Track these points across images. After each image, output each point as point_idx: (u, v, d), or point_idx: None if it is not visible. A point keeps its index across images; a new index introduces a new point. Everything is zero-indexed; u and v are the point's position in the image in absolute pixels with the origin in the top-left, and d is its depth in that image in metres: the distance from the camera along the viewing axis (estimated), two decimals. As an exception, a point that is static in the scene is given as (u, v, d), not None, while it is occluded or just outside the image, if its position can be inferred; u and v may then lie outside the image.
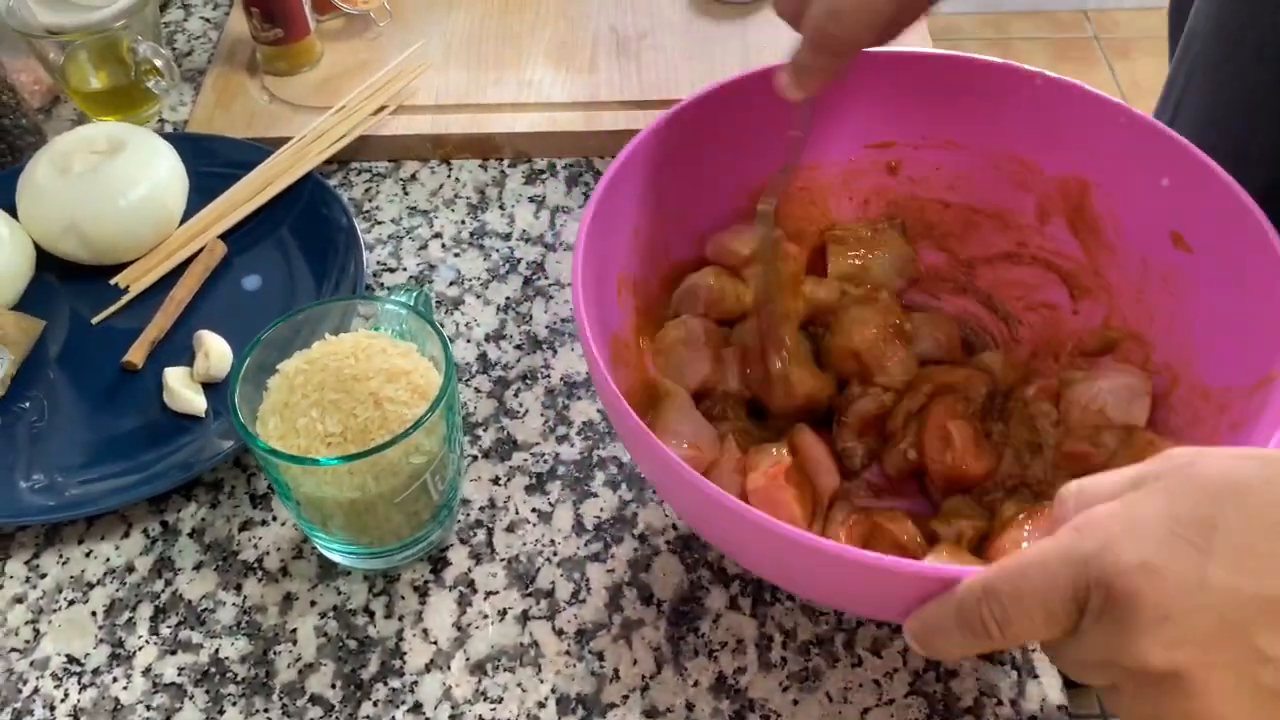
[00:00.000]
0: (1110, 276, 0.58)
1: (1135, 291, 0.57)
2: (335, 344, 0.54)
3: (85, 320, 0.68)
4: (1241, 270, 0.50)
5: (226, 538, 0.58)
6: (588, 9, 0.87)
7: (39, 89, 0.83)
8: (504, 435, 0.62)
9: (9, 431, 0.62)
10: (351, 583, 0.56)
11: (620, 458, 0.61)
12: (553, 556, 0.57)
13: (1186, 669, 0.33)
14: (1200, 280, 0.53)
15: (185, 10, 0.92)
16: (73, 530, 0.59)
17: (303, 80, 0.81)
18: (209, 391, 0.63)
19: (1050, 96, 0.56)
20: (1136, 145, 0.54)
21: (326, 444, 0.51)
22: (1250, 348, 0.49)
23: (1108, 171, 0.57)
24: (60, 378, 0.65)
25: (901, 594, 0.41)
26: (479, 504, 0.59)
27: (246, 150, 0.74)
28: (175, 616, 0.55)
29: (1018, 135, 0.59)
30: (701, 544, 0.57)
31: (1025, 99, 0.58)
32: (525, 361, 0.66)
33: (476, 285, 0.70)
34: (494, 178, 0.77)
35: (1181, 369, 0.54)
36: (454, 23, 0.86)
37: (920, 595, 0.40)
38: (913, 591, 0.40)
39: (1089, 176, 0.58)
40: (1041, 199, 0.60)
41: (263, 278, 0.70)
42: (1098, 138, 0.56)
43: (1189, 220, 0.53)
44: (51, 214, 0.68)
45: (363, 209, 0.75)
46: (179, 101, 0.83)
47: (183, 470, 0.59)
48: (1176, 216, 0.54)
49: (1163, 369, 0.55)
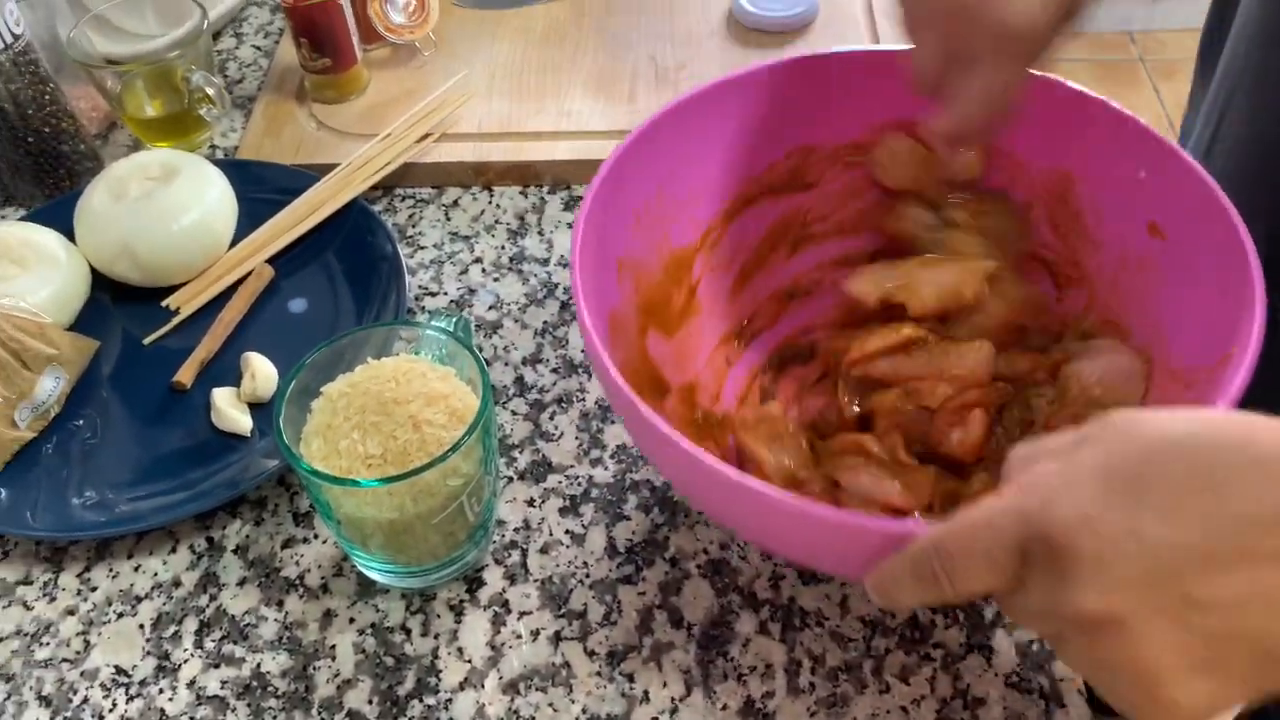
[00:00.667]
0: (1089, 265, 0.60)
1: (1112, 279, 0.59)
2: (377, 368, 0.56)
3: (137, 341, 0.70)
4: (1209, 254, 0.52)
5: (269, 554, 0.60)
6: (628, 40, 0.88)
7: (96, 115, 0.86)
8: (539, 457, 0.64)
9: (63, 448, 0.64)
10: (389, 601, 0.58)
11: (653, 481, 0.62)
12: (585, 578, 0.58)
13: (1121, 614, 0.35)
14: (1173, 266, 0.55)
15: (237, 39, 0.95)
16: (122, 545, 0.61)
17: (349, 108, 0.84)
18: (254, 411, 0.65)
19: (1037, 93, 0.57)
20: (1116, 139, 0.57)
21: (367, 465, 0.52)
22: (1214, 329, 0.50)
23: (1089, 165, 0.59)
24: (112, 396, 0.67)
25: (859, 549, 0.43)
26: (514, 525, 0.61)
27: (294, 176, 0.77)
28: (219, 631, 0.57)
29: (1008, 130, 0.59)
30: (732, 569, 0.58)
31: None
32: (561, 385, 0.67)
33: (515, 310, 0.72)
34: (534, 204, 0.79)
35: (1155, 351, 0.55)
36: (497, 53, 0.88)
37: (877, 549, 0.42)
38: (870, 546, 0.43)
39: (1073, 170, 0.60)
40: (1027, 193, 0.62)
41: (308, 301, 0.72)
42: (1081, 133, 0.58)
43: (1164, 209, 0.55)
44: (107, 238, 0.70)
45: (406, 234, 0.77)
46: (230, 128, 0.86)
47: (228, 488, 0.61)
48: (1152, 207, 0.56)
49: (1139, 352, 0.57)
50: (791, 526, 0.46)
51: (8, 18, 0.71)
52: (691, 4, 0.92)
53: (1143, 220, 0.56)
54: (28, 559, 0.61)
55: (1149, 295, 0.57)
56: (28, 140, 0.77)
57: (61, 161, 0.79)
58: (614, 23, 0.90)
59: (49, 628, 0.58)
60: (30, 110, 0.75)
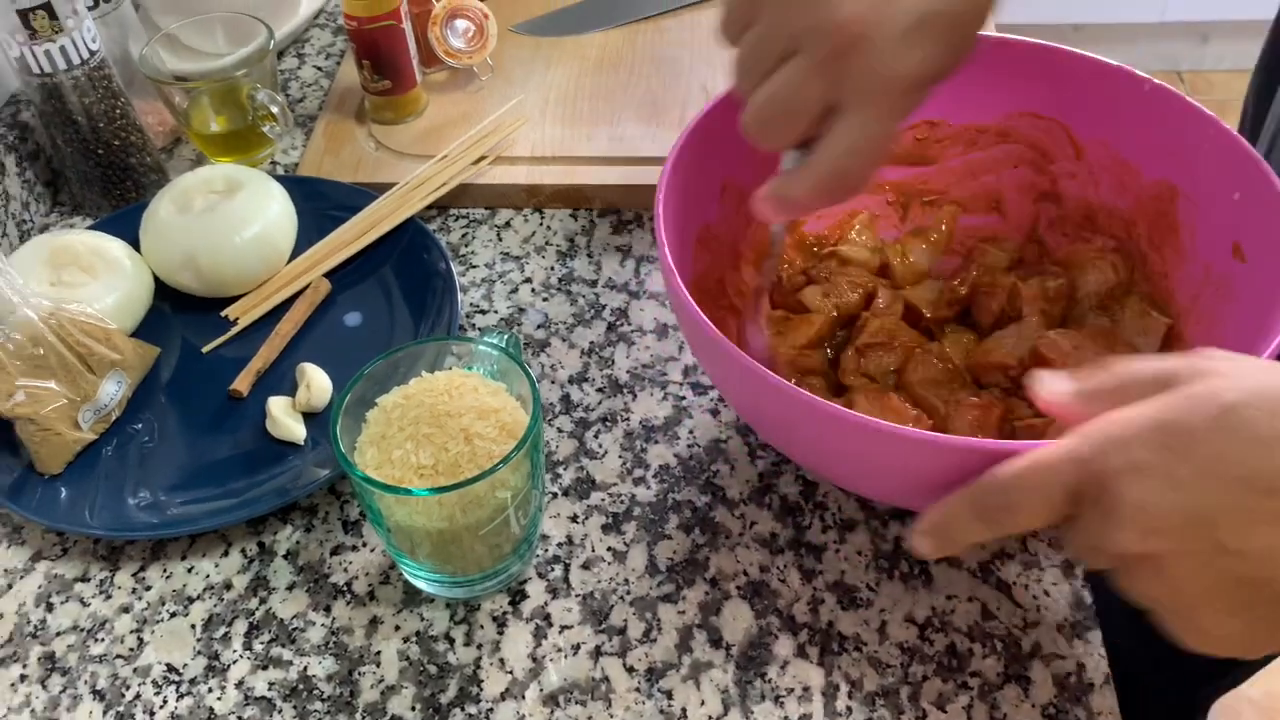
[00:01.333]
0: (1174, 279, 0.62)
1: (1192, 295, 0.61)
2: (430, 381, 0.57)
3: (196, 349, 0.72)
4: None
5: (318, 561, 0.61)
6: (679, 68, 0.90)
7: (162, 130, 0.89)
8: (583, 475, 0.65)
9: (122, 451, 0.66)
10: (434, 610, 0.59)
11: (694, 502, 0.63)
12: (626, 595, 0.59)
13: (1159, 554, 0.40)
14: (1248, 289, 0.57)
15: (299, 59, 0.97)
16: (176, 546, 0.63)
17: (407, 129, 0.86)
18: (308, 421, 0.67)
19: (1156, 103, 0.61)
20: (1222, 158, 0.58)
21: (419, 475, 0.54)
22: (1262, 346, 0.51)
23: (1195, 181, 0.61)
24: (171, 402, 0.69)
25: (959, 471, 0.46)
26: (557, 540, 0.62)
27: (353, 194, 0.79)
28: (268, 634, 0.58)
29: (1124, 136, 0.64)
30: (772, 591, 0.58)
31: (1134, 103, 0.62)
32: (606, 404, 0.68)
33: (563, 329, 0.73)
34: (583, 227, 0.80)
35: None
36: (552, 78, 0.90)
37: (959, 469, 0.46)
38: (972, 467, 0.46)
39: (1179, 184, 0.62)
40: (1134, 202, 0.64)
41: (364, 315, 0.73)
42: (1192, 147, 0.60)
43: (1249, 233, 0.57)
44: (171, 248, 0.73)
45: (459, 253, 0.79)
46: (291, 145, 0.88)
47: (280, 495, 0.62)
48: (1239, 228, 0.58)
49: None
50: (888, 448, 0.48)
51: (85, 34, 0.74)
52: (744, 35, 0.93)
53: (1229, 241, 0.58)
54: (86, 556, 0.62)
55: (1218, 313, 0.58)
56: (98, 152, 0.79)
57: (129, 174, 0.81)
58: (666, 51, 0.92)
59: (104, 624, 0.59)
60: (102, 124, 0.78)
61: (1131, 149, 0.64)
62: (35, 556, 0.63)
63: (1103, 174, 0.66)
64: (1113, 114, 0.64)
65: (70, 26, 0.73)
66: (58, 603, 0.60)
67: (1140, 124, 0.63)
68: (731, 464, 0.64)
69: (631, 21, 0.95)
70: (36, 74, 0.74)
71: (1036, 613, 0.57)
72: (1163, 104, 0.61)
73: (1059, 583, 0.58)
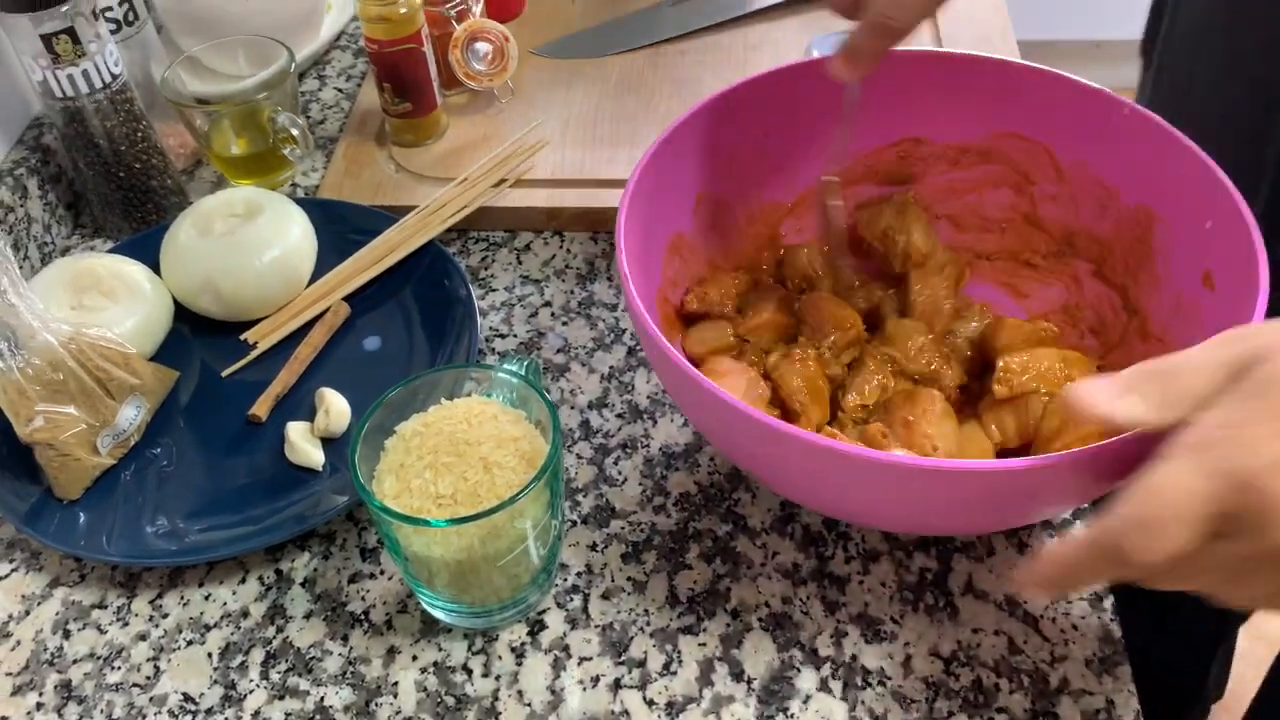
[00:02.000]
0: (1145, 305, 0.63)
1: (1162, 323, 0.61)
2: (450, 409, 0.56)
3: (215, 373, 0.72)
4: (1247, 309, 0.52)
5: (336, 589, 0.61)
6: (700, 90, 0.89)
7: (183, 152, 0.89)
8: (603, 502, 0.64)
9: (140, 475, 0.66)
10: (452, 640, 0.58)
11: (715, 531, 0.62)
12: (646, 626, 0.58)
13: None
14: (1215, 319, 0.56)
15: (320, 81, 0.98)
16: (194, 573, 0.62)
17: (428, 152, 0.86)
18: (326, 446, 0.66)
19: (1134, 127, 0.61)
20: (1197, 185, 0.58)
21: (438, 504, 0.53)
22: None
23: (1171, 207, 0.61)
24: (189, 426, 0.69)
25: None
26: (576, 569, 0.61)
27: (373, 217, 0.78)
28: (285, 663, 0.58)
29: (1104, 160, 0.64)
30: (794, 623, 0.58)
31: (1114, 126, 0.62)
32: (626, 430, 0.68)
33: (582, 354, 0.73)
34: (603, 250, 0.80)
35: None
36: (573, 100, 0.89)
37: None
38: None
39: (1156, 210, 0.61)
40: (1114, 226, 0.64)
41: (383, 339, 0.73)
42: (1169, 174, 0.60)
43: (1218, 261, 0.57)
44: (191, 272, 0.73)
45: (478, 276, 0.78)
46: (311, 168, 0.88)
47: (298, 522, 0.62)
48: (1210, 257, 0.57)
49: None
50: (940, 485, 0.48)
51: (108, 58, 0.74)
52: (764, 57, 0.93)
53: (1200, 269, 0.58)
54: (103, 583, 0.62)
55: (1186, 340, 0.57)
56: (119, 175, 0.79)
57: (150, 196, 0.82)
58: (687, 74, 0.92)
59: (121, 652, 0.59)
60: (123, 147, 0.78)
61: (1111, 172, 0.64)
62: (53, 583, 0.62)
63: (1083, 197, 0.66)
64: (1094, 136, 0.64)
65: (93, 51, 0.73)
66: (75, 629, 0.60)
67: (1120, 147, 0.62)
68: (753, 492, 0.64)
69: (652, 44, 0.95)
70: (59, 98, 0.74)
71: (1065, 647, 0.56)
72: (1142, 128, 0.61)
73: (1087, 616, 0.57)
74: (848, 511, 0.58)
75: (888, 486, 0.50)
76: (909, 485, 0.48)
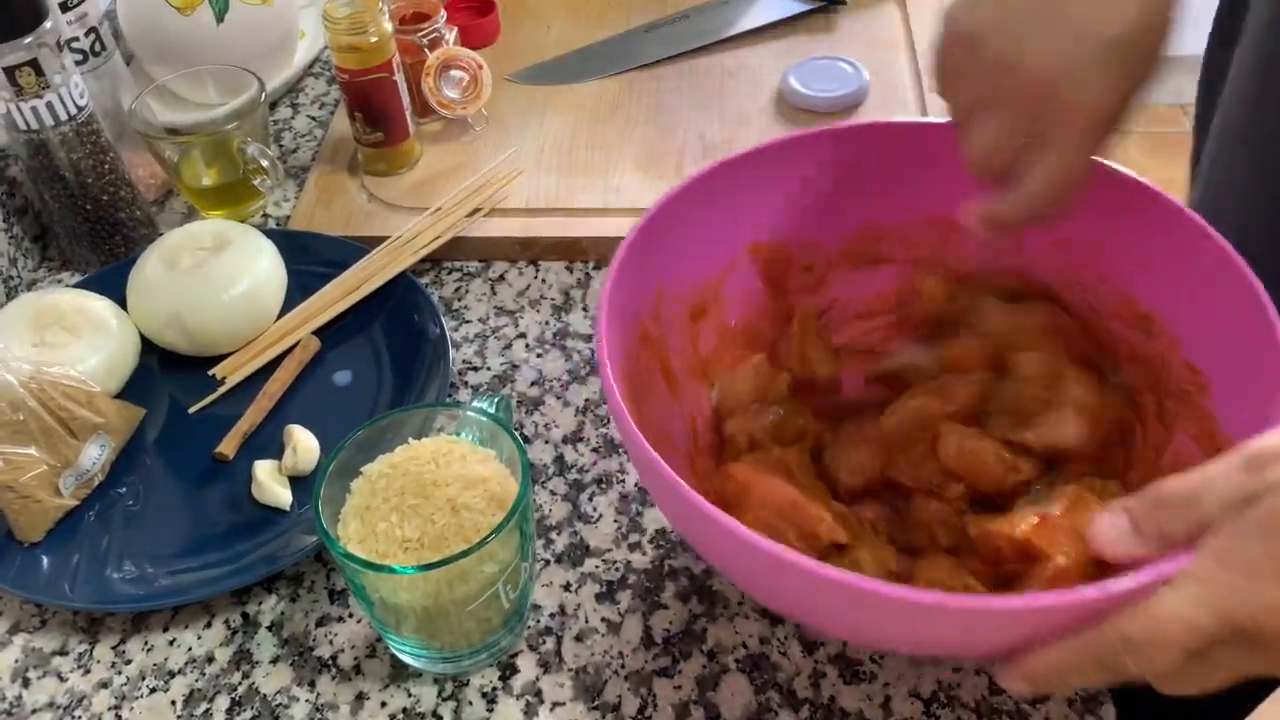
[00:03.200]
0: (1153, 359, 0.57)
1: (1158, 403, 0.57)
2: (417, 448, 0.55)
3: (183, 409, 0.71)
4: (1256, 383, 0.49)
5: (304, 632, 0.59)
6: (676, 118, 0.89)
7: (153, 183, 0.88)
8: (577, 540, 0.63)
9: (105, 516, 0.65)
10: (422, 685, 0.57)
11: (691, 569, 0.61)
12: (620, 669, 0.57)
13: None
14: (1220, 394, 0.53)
15: (293, 109, 0.97)
16: (159, 617, 0.61)
17: (400, 181, 0.85)
18: (295, 485, 0.65)
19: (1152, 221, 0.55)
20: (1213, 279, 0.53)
21: (404, 549, 0.52)
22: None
23: (1183, 304, 0.56)
24: (155, 464, 0.68)
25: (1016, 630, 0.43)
26: (549, 610, 0.60)
27: (344, 248, 0.77)
28: (250, 710, 0.56)
29: (1117, 256, 0.58)
30: (772, 664, 0.56)
31: (1132, 223, 0.57)
32: (601, 465, 0.67)
33: (557, 386, 0.72)
34: (579, 279, 0.79)
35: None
36: (547, 128, 0.88)
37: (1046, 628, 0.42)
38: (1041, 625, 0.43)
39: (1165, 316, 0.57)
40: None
41: (354, 374, 0.72)
42: (1182, 272, 0.55)
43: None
44: (157, 306, 0.71)
45: (451, 307, 0.77)
46: (283, 197, 0.87)
47: (267, 564, 0.61)
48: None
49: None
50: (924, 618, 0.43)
51: (73, 90, 0.73)
52: (741, 84, 0.92)
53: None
54: (65, 628, 0.61)
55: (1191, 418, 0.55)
56: (86, 207, 0.78)
57: (118, 228, 0.80)
58: (664, 100, 0.91)
59: (81, 700, 0.57)
60: (90, 179, 0.77)
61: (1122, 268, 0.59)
62: (13, 629, 0.61)
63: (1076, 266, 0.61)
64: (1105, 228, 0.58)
65: (57, 83, 0.72)
66: (34, 678, 0.59)
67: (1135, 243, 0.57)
68: (729, 528, 0.63)
69: (627, 70, 0.94)
70: (23, 130, 0.73)
71: (1046, 686, 0.55)
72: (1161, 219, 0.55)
73: (1069, 654, 0.56)
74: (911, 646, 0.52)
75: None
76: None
